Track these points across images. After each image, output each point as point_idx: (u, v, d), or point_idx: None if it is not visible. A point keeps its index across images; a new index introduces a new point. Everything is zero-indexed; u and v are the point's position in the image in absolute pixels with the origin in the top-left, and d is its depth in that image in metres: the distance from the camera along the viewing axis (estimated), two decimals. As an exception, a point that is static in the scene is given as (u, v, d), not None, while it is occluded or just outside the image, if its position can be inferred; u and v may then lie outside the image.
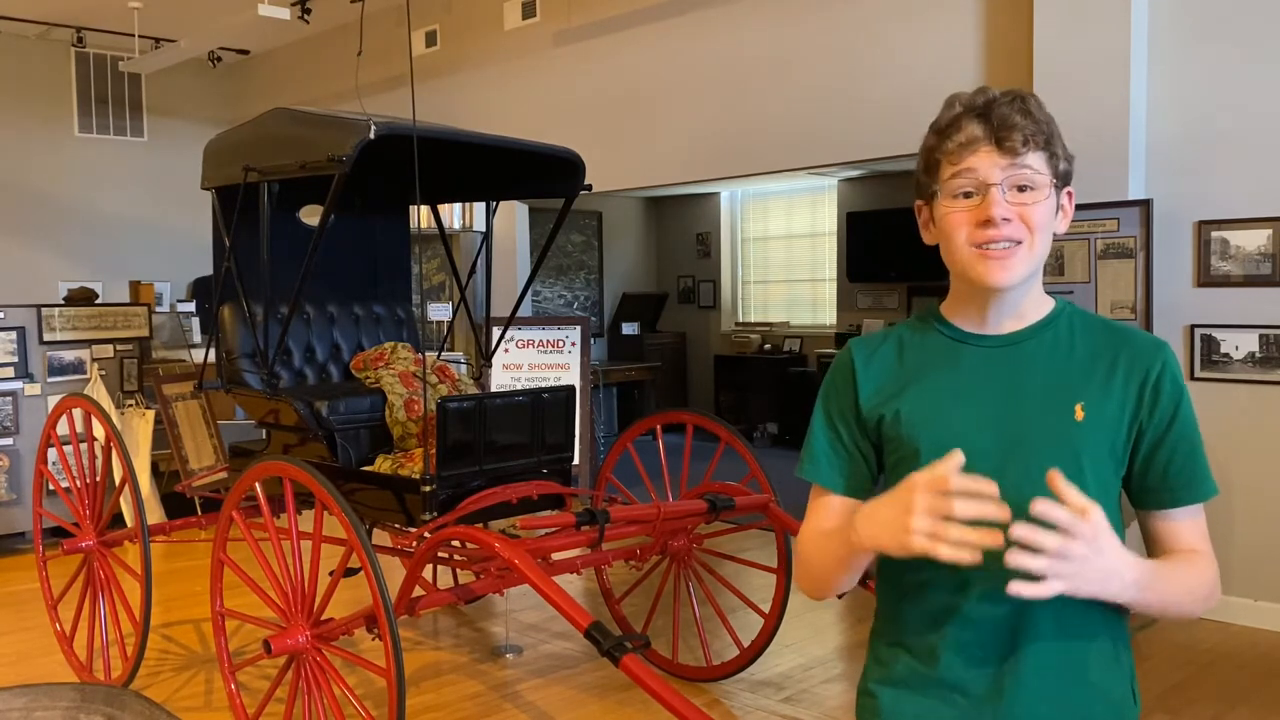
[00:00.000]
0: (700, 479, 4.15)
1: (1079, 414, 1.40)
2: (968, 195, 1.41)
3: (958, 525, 1.22)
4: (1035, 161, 1.39)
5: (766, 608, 4.11)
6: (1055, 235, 1.47)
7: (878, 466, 1.55)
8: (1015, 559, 1.21)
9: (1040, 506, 1.21)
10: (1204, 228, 4.87)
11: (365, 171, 4.00)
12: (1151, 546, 1.47)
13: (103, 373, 6.60)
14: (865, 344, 1.57)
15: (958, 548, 1.22)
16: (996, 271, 1.40)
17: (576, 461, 4.31)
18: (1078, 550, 1.21)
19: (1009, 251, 1.39)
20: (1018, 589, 1.22)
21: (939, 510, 1.23)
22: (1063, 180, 1.44)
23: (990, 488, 1.23)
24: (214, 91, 10.67)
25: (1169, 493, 1.44)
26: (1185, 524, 1.45)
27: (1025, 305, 1.47)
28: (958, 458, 1.24)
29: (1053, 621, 1.39)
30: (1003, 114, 1.39)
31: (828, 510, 1.55)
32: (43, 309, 6.54)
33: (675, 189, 10.31)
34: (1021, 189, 1.39)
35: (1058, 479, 1.22)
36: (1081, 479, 1.38)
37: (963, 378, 1.47)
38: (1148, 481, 1.44)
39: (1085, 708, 1.42)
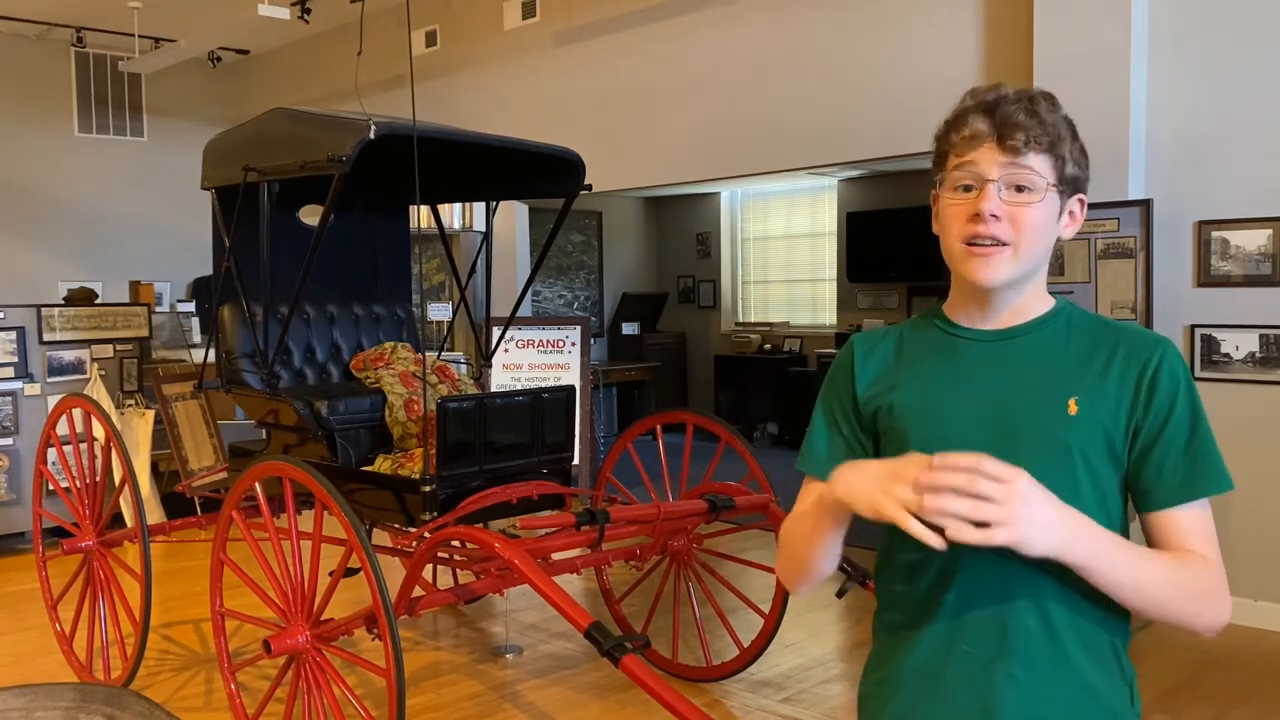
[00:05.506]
0: (700, 479, 4.15)
1: (1072, 408, 1.39)
2: (967, 189, 1.41)
3: (936, 502, 1.19)
4: (1036, 163, 1.39)
5: (766, 608, 4.11)
6: (1061, 240, 1.47)
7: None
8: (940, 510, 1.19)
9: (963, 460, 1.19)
10: (1204, 228, 4.87)
11: (365, 171, 3.99)
12: None
13: (103, 373, 6.60)
14: (867, 339, 1.58)
15: (926, 531, 1.20)
16: (980, 269, 1.40)
17: (576, 461, 4.31)
18: (995, 492, 1.18)
19: (992, 251, 1.39)
20: (956, 533, 1.19)
21: (923, 488, 1.21)
22: (1071, 185, 1.43)
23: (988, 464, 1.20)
24: (214, 91, 10.66)
25: (1162, 491, 1.39)
26: (1183, 526, 1.38)
27: (1023, 302, 1.46)
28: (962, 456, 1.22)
29: (1039, 616, 1.37)
30: (1007, 112, 1.39)
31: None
32: (43, 309, 6.54)
33: (675, 189, 10.30)
34: (1019, 189, 1.39)
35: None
36: (1073, 473, 1.38)
37: (957, 371, 1.47)
38: (1142, 481, 1.40)
39: (1077, 705, 1.39)
